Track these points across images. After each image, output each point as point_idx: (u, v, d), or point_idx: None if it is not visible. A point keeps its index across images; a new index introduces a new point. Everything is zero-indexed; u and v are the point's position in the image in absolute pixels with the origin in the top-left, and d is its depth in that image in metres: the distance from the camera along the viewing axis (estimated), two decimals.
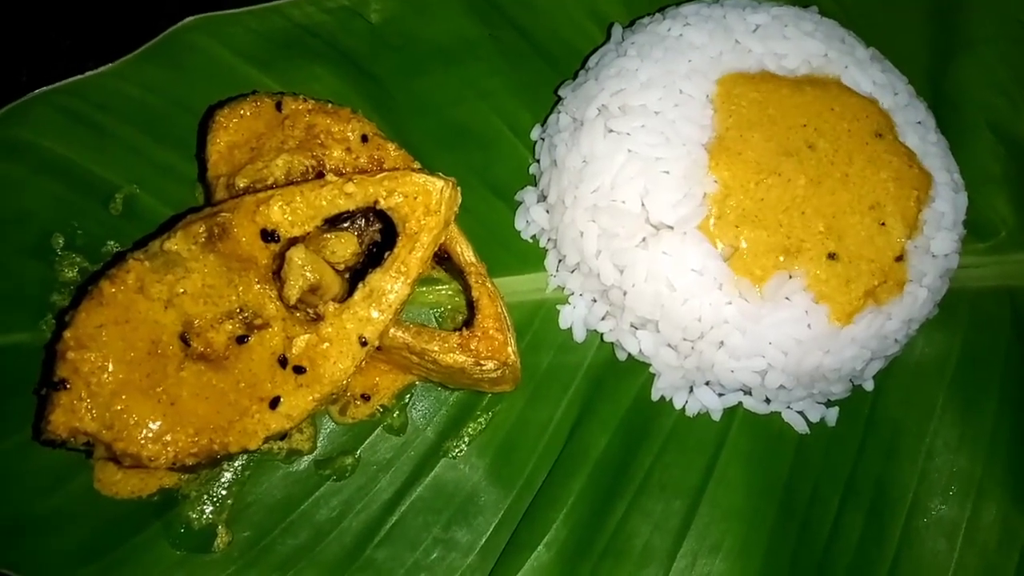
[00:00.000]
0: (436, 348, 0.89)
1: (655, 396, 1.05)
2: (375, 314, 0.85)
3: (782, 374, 0.96)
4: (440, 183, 0.87)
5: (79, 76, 1.04)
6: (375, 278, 0.85)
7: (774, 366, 0.95)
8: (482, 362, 0.90)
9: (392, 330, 0.88)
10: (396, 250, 0.86)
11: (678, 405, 1.05)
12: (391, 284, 0.85)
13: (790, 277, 0.93)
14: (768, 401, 1.03)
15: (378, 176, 0.86)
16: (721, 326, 0.94)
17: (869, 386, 1.06)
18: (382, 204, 0.86)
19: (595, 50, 1.13)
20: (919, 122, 1.02)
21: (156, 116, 1.06)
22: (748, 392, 1.03)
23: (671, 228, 0.94)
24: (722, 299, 0.93)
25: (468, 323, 0.93)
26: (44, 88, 1.03)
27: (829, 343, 0.95)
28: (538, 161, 1.12)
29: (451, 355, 0.89)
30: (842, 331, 0.94)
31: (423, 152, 1.05)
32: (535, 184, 1.12)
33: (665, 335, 0.98)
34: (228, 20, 1.08)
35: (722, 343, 0.95)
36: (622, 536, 0.99)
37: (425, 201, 0.86)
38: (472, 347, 0.89)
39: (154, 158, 1.06)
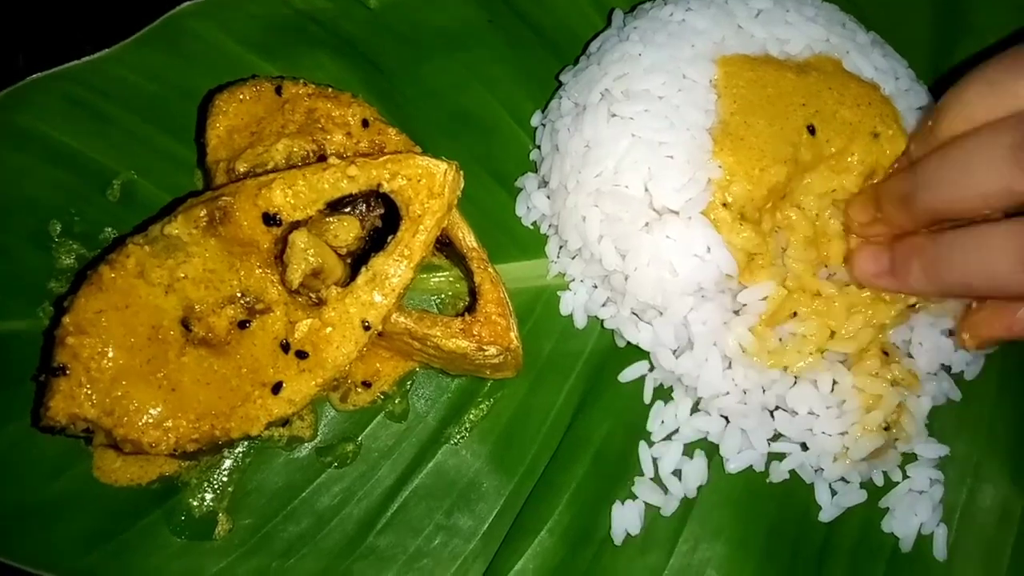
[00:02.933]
0: (438, 333, 0.89)
1: (647, 398, 1.04)
2: (378, 298, 0.85)
3: None
4: (443, 166, 0.86)
5: (76, 61, 1.03)
6: (378, 262, 0.85)
7: None
8: (484, 347, 0.89)
9: (394, 315, 0.88)
10: (399, 233, 0.85)
11: (677, 399, 1.05)
12: (394, 268, 0.85)
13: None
14: None
15: (381, 159, 0.85)
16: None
17: None
18: (385, 187, 0.85)
19: (595, 36, 1.12)
20: (920, 107, 1.02)
21: (155, 102, 1.05)
22: None
23: (676, 213, 0.93)
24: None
25: (470, 309, 0.92)
26: (41, 73, 1.02)
27: None
28: (539, 147, 1.11)
29: (453, 340, 0.89)
30: None
31: (424, 139, 1.04)
32: (535, 171, 1.11)
33: (665, 322, 0.98)
34: (228, 5, 1.07)
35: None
36: None
37: (429, 184, 0.85)
38: (475, 332, 0.89)
39: (152, 144, 1.05)
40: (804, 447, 0.98)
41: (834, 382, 0.95)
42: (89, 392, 0.83)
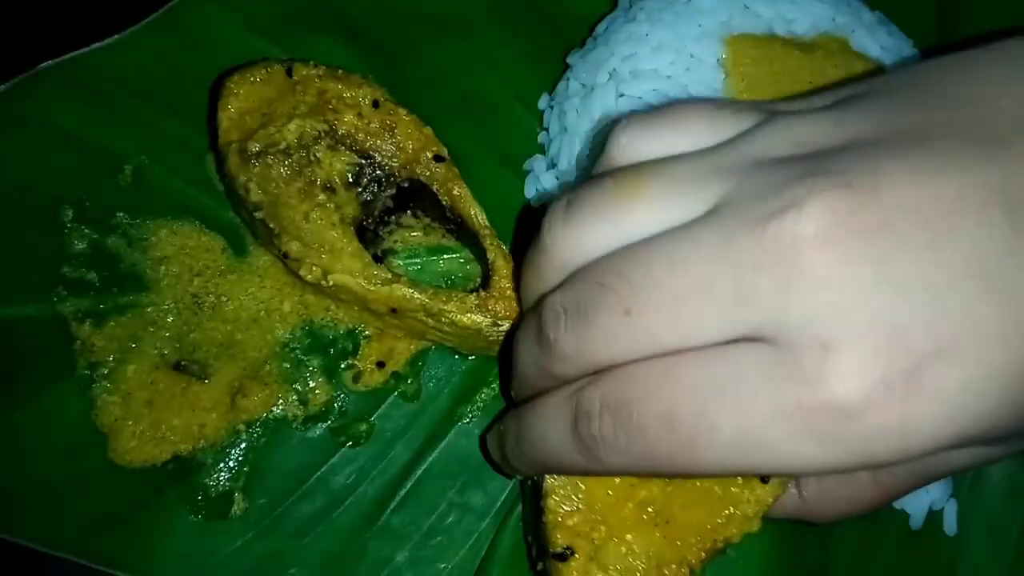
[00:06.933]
0: (453, 308, 0.89)
1: None
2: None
3: None
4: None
5: (87, 48, 1.04)
6: None
7: None
8: (499, 322, 0.90)
9: (409, 291, 0.88)
10: None
11: None
12: None
13: None
14: None
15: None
16: None
17: None
18: None
19: (602, 18, 1.13)
20: None
21: (165, 88, 1.06)
22: None
23: None
24: None
25: (484, 286, 0.93)
26: (52, 61, 1.03)
27: None
28: (546, 130, 1.12)
29: (468, 315, 0.89)
30: None
31: (431, 124, 1.04)
32: (544, 153, 1.12)
33: None
34: None
35: None
36: None
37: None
38: (490, 307, 0.89)
39: (163, 129, 1.05)
40: None
41: None
42: None
